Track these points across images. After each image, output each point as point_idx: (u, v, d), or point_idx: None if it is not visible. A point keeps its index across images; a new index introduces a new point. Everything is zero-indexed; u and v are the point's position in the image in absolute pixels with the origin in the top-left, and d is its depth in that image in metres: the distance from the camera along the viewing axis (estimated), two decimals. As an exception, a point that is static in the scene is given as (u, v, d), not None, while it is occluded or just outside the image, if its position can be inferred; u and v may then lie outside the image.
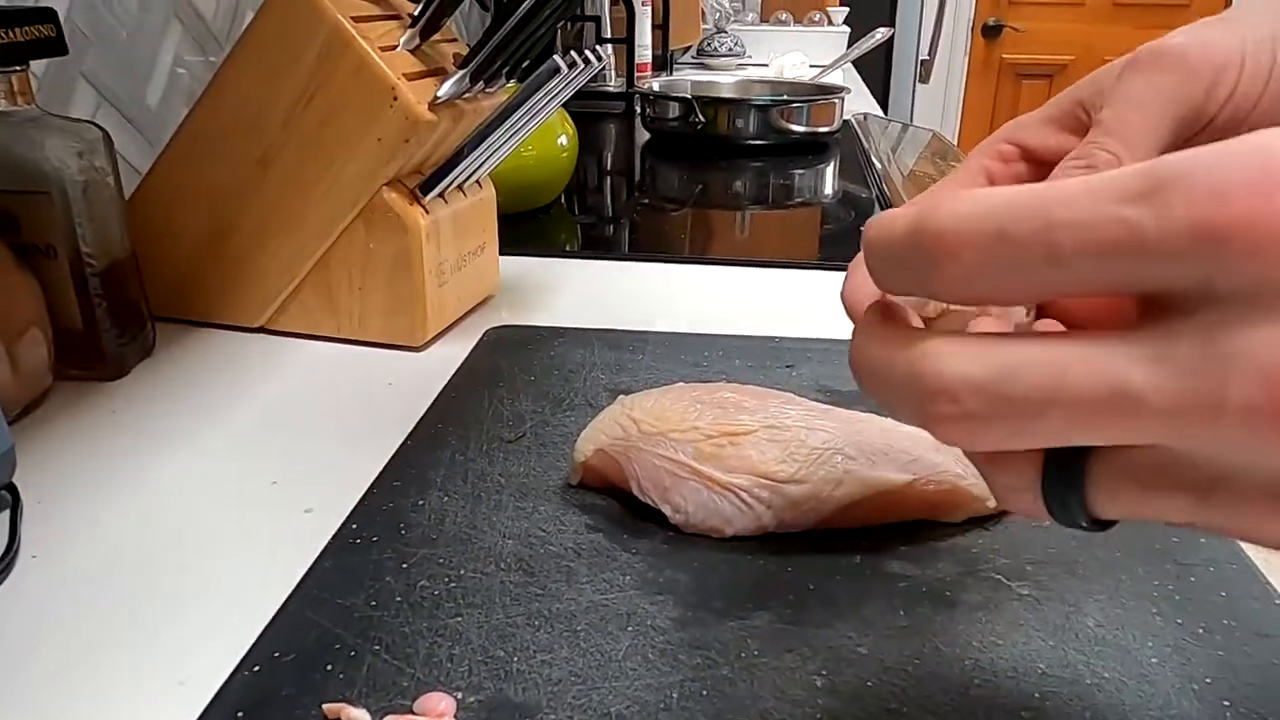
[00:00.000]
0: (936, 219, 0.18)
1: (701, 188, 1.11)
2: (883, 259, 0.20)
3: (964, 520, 0.38)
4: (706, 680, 0.30)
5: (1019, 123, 0.28)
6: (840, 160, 1.23)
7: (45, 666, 0.32)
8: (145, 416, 0.49)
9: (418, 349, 0.58)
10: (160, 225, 0.58)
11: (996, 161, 0.28)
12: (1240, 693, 0.30)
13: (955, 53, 3.68)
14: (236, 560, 0.38)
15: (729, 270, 0.75)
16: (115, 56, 0.69)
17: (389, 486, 0.41)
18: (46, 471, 0.44)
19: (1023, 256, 0.17)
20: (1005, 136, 0.28)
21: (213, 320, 0.60)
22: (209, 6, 0.79)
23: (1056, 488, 0.20)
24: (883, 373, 0.20)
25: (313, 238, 0.56)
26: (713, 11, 2.43)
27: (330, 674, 0.30)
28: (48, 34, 0.47)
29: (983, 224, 0.17)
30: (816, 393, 0.50)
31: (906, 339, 0.19)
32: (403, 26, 0.56)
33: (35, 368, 0.48)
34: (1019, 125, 0.28)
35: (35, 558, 0.38)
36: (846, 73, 1.91)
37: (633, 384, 0.51)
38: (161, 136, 0.70)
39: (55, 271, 0.50)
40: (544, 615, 0.33)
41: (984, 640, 0.32)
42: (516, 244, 0.74)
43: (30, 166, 0.48)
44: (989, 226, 0.17)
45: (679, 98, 1.25)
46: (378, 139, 0.53)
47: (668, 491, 0.38)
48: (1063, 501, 0.20)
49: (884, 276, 0.20)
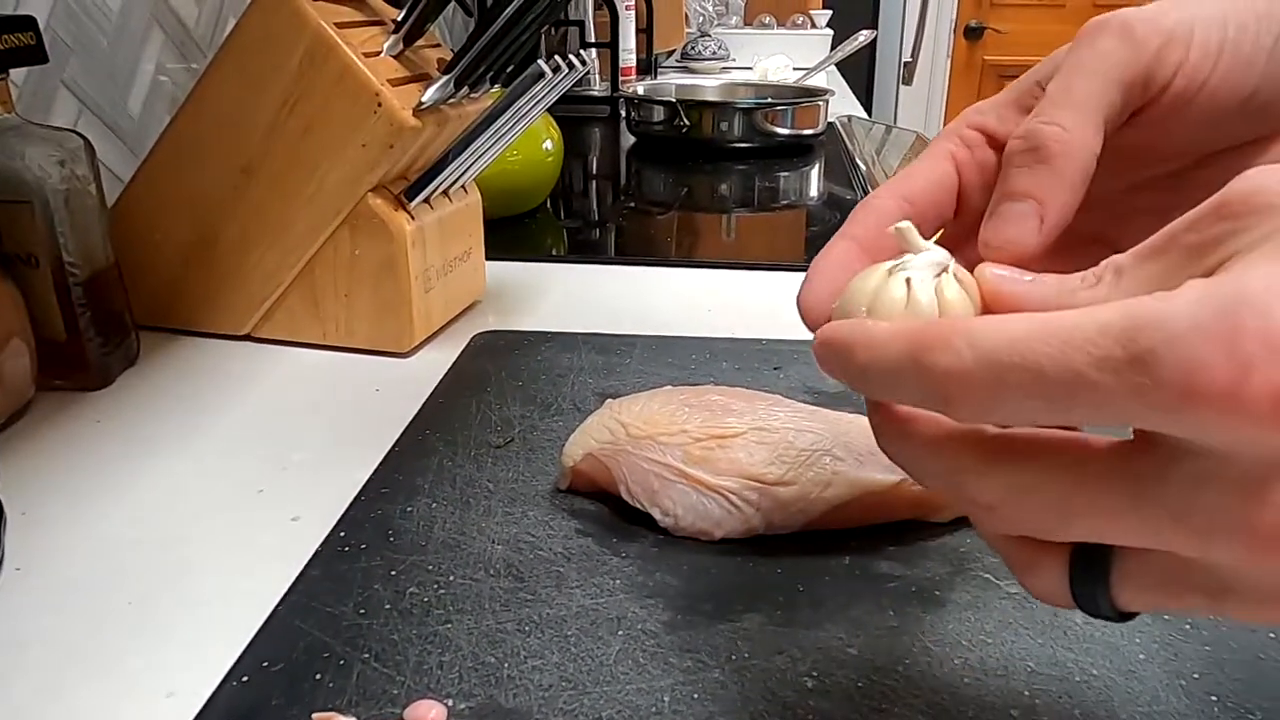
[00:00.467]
0: (939, 359, 0.19)
1: (687, 191, 1.11)
2: (882, 381, 0.21)
3: (952, 520, 0.39)
4: (698, 683, 0.30)
5: (980, 108, 0.28)
6: (825, 162, 1.23)
7: (30, 680, 0.32)
8: (129, 426, 0.49)
9: (404, 355, 0.58)
10: (143, 233, 0.58)
11: (961, 148, 0.28)
12: (1227, 687, 0.30)
13: (938, 55, 3.70)
14: (223, 569, 0.37)
15: (715, 273, 0.75)
16: (96, 64, 0.68)
17: (377, 493, 0.41)
18: (30, 483, 0.43)
19: (1023, 404, 0.18)
20: (968, 122, 0.28)
21: (197, 328, 0.60)
22: (191, 13, 0.79)
23: (1085, 585, 0.21)
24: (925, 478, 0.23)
25: (297, 245, 0.56)
26: (696, 15, 2.44)
27: (319, 683, 0.30)
28: (27, 42, 0.47)
29: (984, 373, 0.18)
30: (804, 394, 0.50)
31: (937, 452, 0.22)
32: (386, 32, 0.56)
33: (18, 378, 0.48)
34: (980, 110, 0.28)
35: (19, 570, 0.37)
36: (830, 75, 1.92)
37: (620, 388, 0.51)
38: (144, 144, 0.69)
39: (37, 281, 0.50)
40: (534, 621, 0.33)
41: (973, 639, 0.32)
42: (503, 249, 0.74)
43: (11, 176, 0.48)
44: (989, 375, 0.18)
45: (664, 101, 1.26)
46: (362, 145, 0.53)
47: (656, 495, 0.38)
48: (1091, 597, 0.21)
49: (882, 392, 0.21)
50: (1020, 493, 0.20)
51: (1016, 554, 0.23)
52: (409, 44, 0.56)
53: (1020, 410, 0.18)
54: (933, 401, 0.20)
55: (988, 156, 0.27)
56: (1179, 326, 0.16)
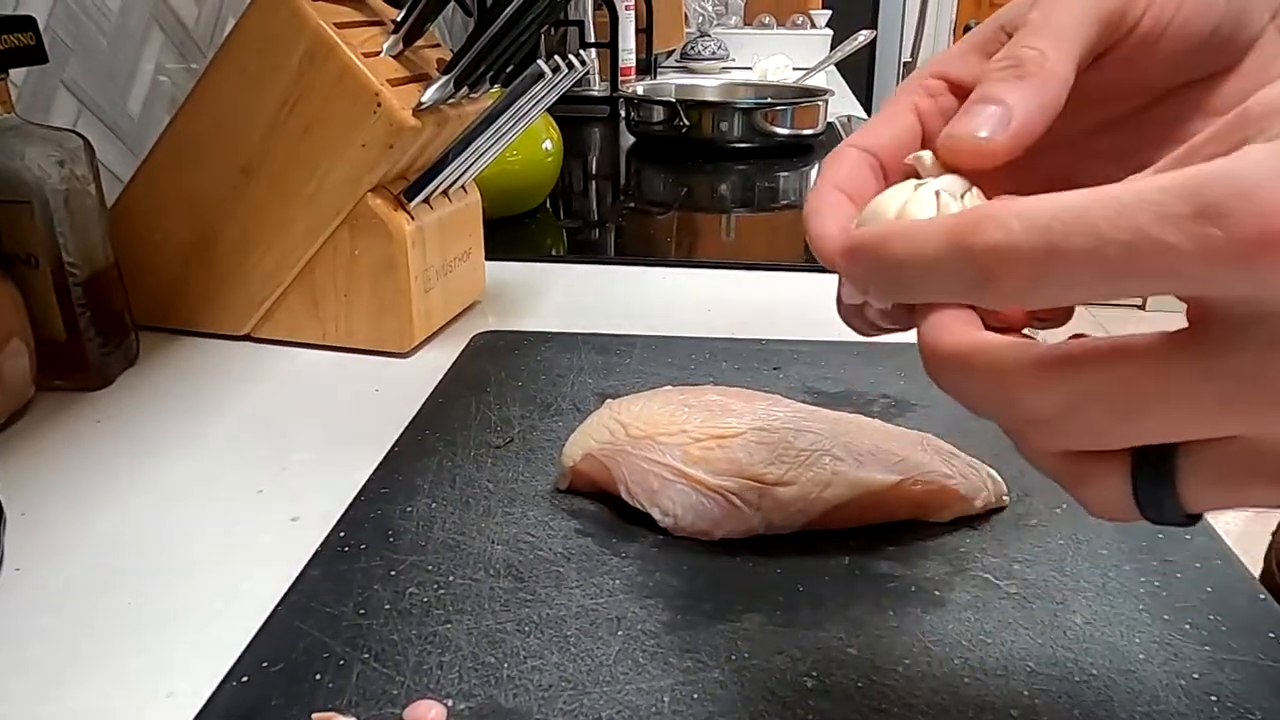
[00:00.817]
0: (988, 236, 0.18)
1: (686, 191, 1.11)
2: (919, 273, 0.20)
3: (951, 520, 0.39)
4: (697, 683, 0.30)
5: (943, 56, 0.28)
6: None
7: (30, 680, 0.32)
8: (129, 426, 0.49)
9: (404, 355, 0.58)
10: (143, 234, 0.58)
11: (924, 97, 0.27)
12: (1227, 688, 0.30)
13: (937, 55, 3.70)
14: (223, 570, 0.37)
15: (715, 273, 0.75)
16: (96, 64, 0.68)
17: (376, 494, 0.41)
18: (30, 483, 0.43)
19: (1077, 274, 0.17)
20: (931, 71, 0.28)
21: (197, 329, 0.60)
22: (190, 14, 0.79)
23: (1150, 490, 0.20)
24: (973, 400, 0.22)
25: (297, 245, 0.56)
26: (696, 15, 2.44)
27: (319, 683, 0.30)
28: (27, 42, 0.47)
29: (1036, 241, 0.17)
30: (804, 394, 0.50)
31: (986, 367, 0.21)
32: (386, 32, 0.56)
33: (18, 378, 0.48)
34: (943, 59, 0.28)
35: (19, 570, 0.37)
36: (830, 75, 1.92)
37: (620, 388, 0.51)
38: (143, 145, 0.69)
39: (37, 281, 0.50)
40: (534, 621, 0.33)
41: (973, 639, 0.32)
42: (502, 249, 0.74)
43: (11, 176, 0.48)
44: (1041, 243, 0.17)
45: (663, 101, 1.26)
46: (361, 145, 0.53)
47: (656, 495, 0.38)
48: (1156, 502, 0.20)
49: (916, 288, 0.20)
50: (1081, 398, 0.19)
51: (1071, 468, 0.21)
52: (409, 44, 0.56)
53: (1073, 283, 0.17)
54: (976, 285, 0.19)
55: (950, 103, 0.27)
56: (1247, 178, 0.15)
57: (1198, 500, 0.20)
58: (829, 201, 0.26)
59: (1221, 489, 0.20)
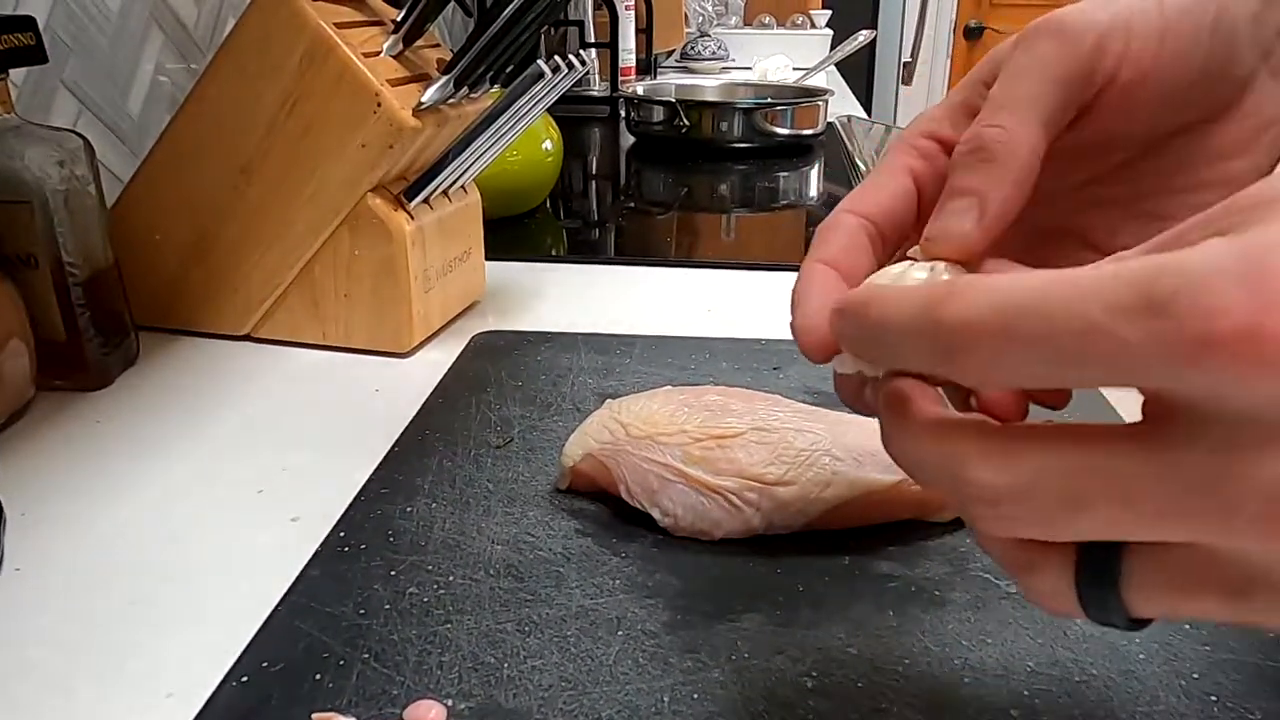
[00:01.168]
0: (953, 309, 0.18)
1: (686, 191, 1.11)
2: (896, 338, 0.20)
3: (951, 520, 0.39)
4: (697, 683, 0.30)
5: (931, 116, 0.28)
6: (824, 162, 1.23)
7: (30, 680, 0.32)
8: (129, 426, 0.49)
9: (404, 355, 0.58)
10: (143, 234, 0.58)
11: (917, 159, 0.28)
12: (1226, 688, 0.30)
13: (937, 55, 3.70)
14: (223, 570, 0.37)
15: (715, 273, 0.75)
16: (96, 64, 0.68)
17: (376, 494, 0.41)
18: (29, 483, 0.43)
19: (1030, 357, 0.17)
20: (921, 130, 0.28)
21: (197, 329, 0.60)
22: (190, 14, 0.79)
23: (1093, 589, 0.20)
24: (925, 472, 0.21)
25: (297, 245, 0.56)
26: (695, 15, 2.44)
27: (319, 683, 0.30)
28: (27, 42, 0.47)
29: (991, 320, 0.17)
30: (803, 394, 0.50)
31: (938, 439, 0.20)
32: (385, 32, 0.56)
33: (17, 378, 0.48)
34: (931, 119, 0.28)
35: (19, 570, 0.37)
36: (830, 75, 1.92)
37: (620, 388, 0.51)
38: (143, 145, 0.69)
39: (37, 281, 0.50)
40: (534, 621, 0.33)
41: (973, 639, 0.32)
42: (502, 249, 0.74)
43: (11, 176, 0.48)
44: (997, 322, 0.17)
45: (663, 101, 1.26)
46: (361, 145, 0.53)
47: (656, 495, 0.38)
48: (1099, 602, 0.20)
49: (893, 354, 0.20)
50: (1027, 483, 0.18)
51: (1018, 556, 0.21)
52: (408, 44, 0.56)
53: (1028, 365, 0.17)
54: (940, 357, 0.18)
55: (944, 164, 0.27)
56: (1200, 271, 0.15)
57: (1143, 605, 0.19)
58: (812, 288, 0.26)
59: (1168, 596, 0.19)
